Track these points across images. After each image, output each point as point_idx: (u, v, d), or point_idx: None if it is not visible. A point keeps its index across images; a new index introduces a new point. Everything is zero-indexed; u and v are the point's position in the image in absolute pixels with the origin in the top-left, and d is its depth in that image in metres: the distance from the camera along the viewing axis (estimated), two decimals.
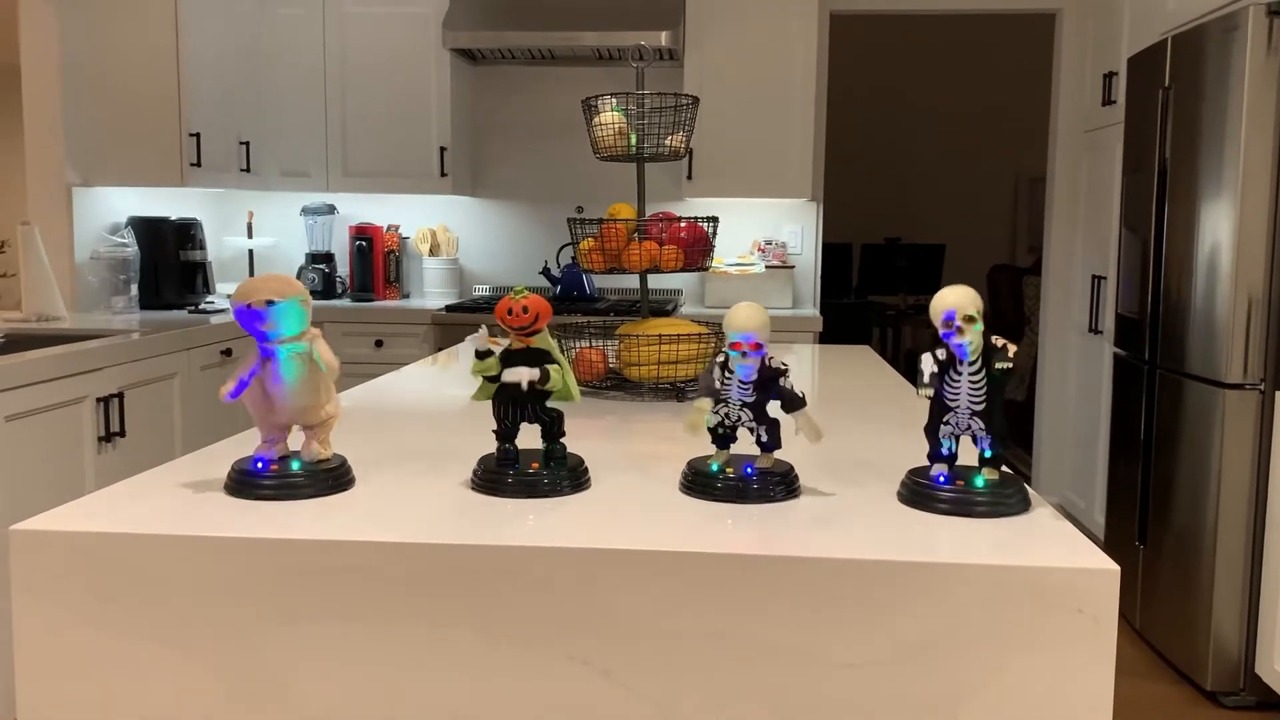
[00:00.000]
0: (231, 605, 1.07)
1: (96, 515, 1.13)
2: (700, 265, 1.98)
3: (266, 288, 1.15)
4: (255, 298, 1.14)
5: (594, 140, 1.93)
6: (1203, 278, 2.91)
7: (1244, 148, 2.74)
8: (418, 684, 1.06)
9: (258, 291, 1.15)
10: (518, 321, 1.22)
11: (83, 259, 3.69)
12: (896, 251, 7.24)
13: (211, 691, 1.08)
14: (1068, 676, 1.01)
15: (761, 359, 1.20)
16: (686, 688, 1.04)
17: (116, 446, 2.85)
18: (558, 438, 1.27)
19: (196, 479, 1.29)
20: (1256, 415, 2.79)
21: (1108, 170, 4.03)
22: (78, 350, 2.68)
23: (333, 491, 1.23)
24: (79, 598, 1.08)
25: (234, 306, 1.16)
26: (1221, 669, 2.87)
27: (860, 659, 1.02)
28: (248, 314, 1.15)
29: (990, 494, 1.16)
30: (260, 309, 1.14)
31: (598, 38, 3.99)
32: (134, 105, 3.69)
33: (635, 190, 4.54)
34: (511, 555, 1.05)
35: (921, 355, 1.17)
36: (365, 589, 1.06)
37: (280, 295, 1.15)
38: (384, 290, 4.45)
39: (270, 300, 1.14)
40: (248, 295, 1.15)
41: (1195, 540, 2.92)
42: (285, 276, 1.18)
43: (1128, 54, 3.82)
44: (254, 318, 1.15)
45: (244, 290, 1.16)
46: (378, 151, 4.28)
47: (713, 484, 1.22)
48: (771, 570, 1.03)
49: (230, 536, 1.07)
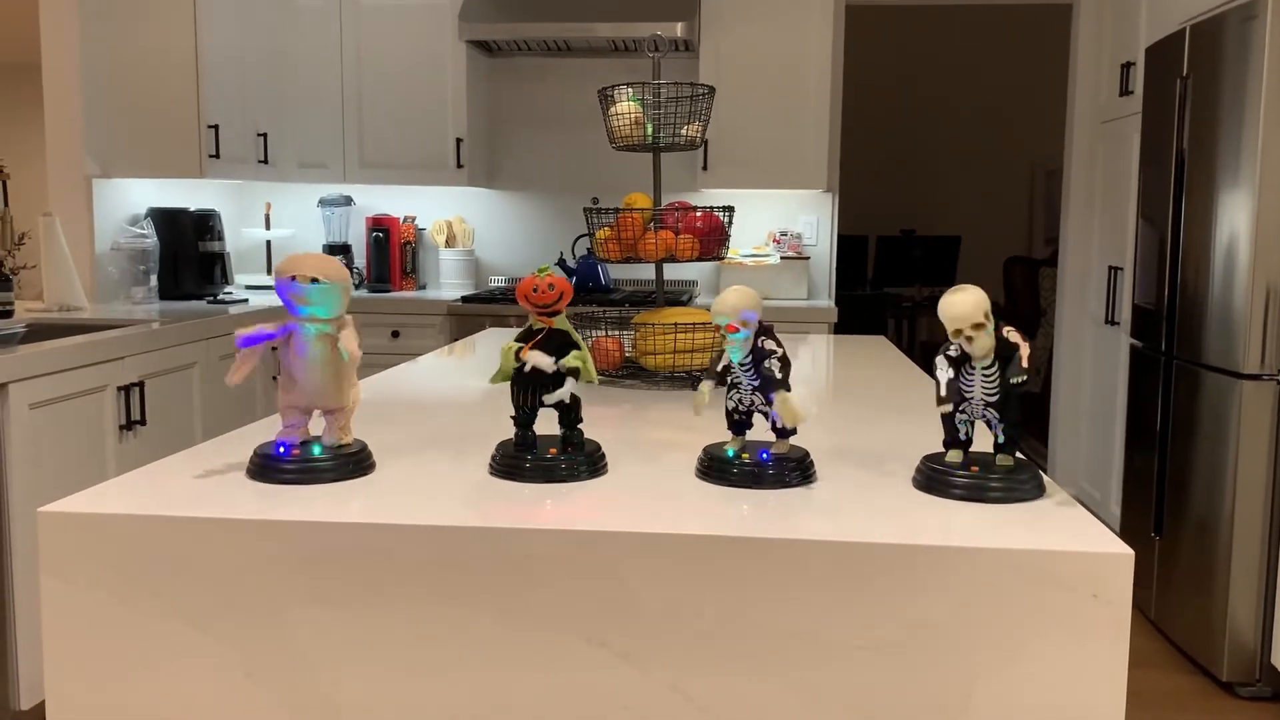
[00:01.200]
0: (254, 587, 1.09)
1: (123, 498, 1.15)
2: (716, 255, 1.99)
3: (314, 265, 1.17)
4: (301, 272, 1.16)
5: (610, 130, 1.94)
6: (1220, 268, 2.90)
7: (1263, 137, 2.72)
8: (437, 665, 1.08)
9: (305, 266, 1.17)
10: (542, 299, 1.23)
11: (103, 250, 3.73)
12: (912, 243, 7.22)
13: (234, 671, 1.10)
14: (1081, 660, 1.02)
15: (755, 340, 1.20)
16: (703, 669, 1.05)
17: (137, 435, 2.88)
18: (575, 423, 1.28)
19: (219, 464, 1.31)
20: (1274, 406, 2.78)
21: (1125, 161, 4.01)
22: (99, 340, 2.71)
23: (354, 476, 1.24)
24: (106, 579, 1.10)
25: (277, 278, 1.18)
26: (1237, 660, 2.87)
27: (875, 641, 1.03)
28: (289, 286, 1.17)
29: (1005, 480, 1.17)
30: (304, 284, 1.16)
31: (613, 29, 4.00)
32: (153, 97, 3.72)
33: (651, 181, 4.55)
34: (530, 538, 1.06)
35: (935, 359, 1.18)
36: (385, 571, 1.08)
37: (325, 275, 1.17)
38: (401, 281, 4.48)
39: (315, 278, 1.17)
40: (294, 269, 1.17)
41: (1211, 531, 2.92)
42: (335, 260, 1.20)
43: (1145, 44, 3.80)
44: (294, 292, 1.17)
45: (292, 263, 1.18)
46: (394, 143, 4.30)
47: (729, 469, 1.23)
48: (787, 553, 1.04)
49: (253, 519, 1.09)
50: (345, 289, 1.19)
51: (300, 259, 1.18)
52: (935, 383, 1.18)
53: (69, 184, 3.67)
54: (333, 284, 1.18)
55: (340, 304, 1.20)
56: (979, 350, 1.13)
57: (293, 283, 1.17)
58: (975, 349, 1.12)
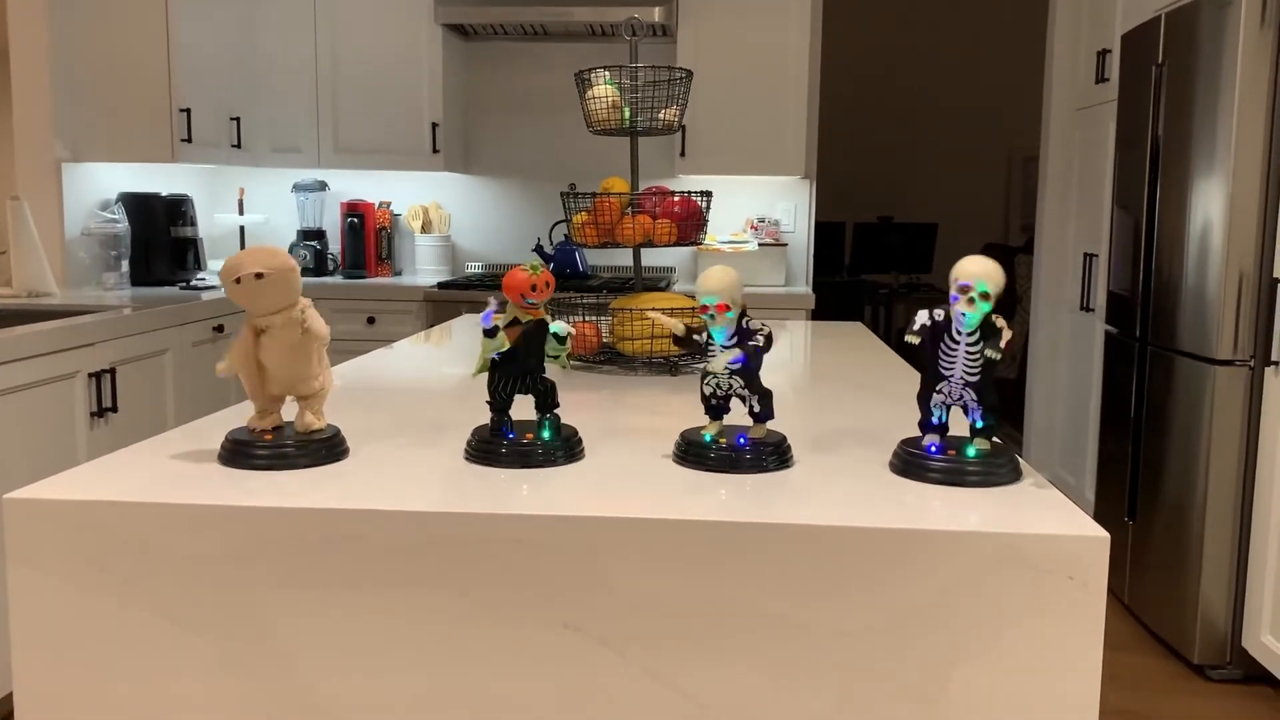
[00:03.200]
0: (226, 574, 1.08)
1: (91, 484, 1.13)
2: (693, 239, 1.98)
3: (253, 261, 1.14)
4: (244, 272, 1.14)
5: (587, 114, 1.93)
6: (1194, 255, 2.92)
7: (1236, 124, 2.74)
8: (412, 651, 1.07)
9: (246, 266, 1.14)
10: (541, 297, 1.22)
11: (73, 235, 3.68)
12: (889, 230, 7.24)
13: (206, 658, 1.09)
14: (1057, 642, 1.02)
15: (740, 320, 1.20)
16: (681, 654, 1.05)
17: (109, 422, 2.84)
18: (552, 409, 1.28)
19: (191, 449, 1.29)
20: (1246, 391, 2.81)
21: (1100, 148, 4.03)
22: (69, 326, 2.67)
23: (327, 461, 1.23)
24: (74, 566, 1.09)
25: (225, 286, 1.16)
26: (1208, 643, 2.90)
27: (852, 626, 1.03)
28: (239, 290, 1.14)
29: (981, 464, 1.17)
30: (250, 282, 1.14)
31: (590, 13, 3.97)
32: (124, 80, 3.67)
33: (628, 166, 4.53)
34: (506, 523, 1.05)
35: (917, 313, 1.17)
36: (360, 557, 1.07)
37: (269, 267, 1.15)
38: (376, 267, 4.45)
39: (259, 273, 1.14)
40: (236, 270, 1.14)
41: (1184, 515, 2.95)
42: (271, 248, 1.17)
43: (1121, 31, 3.81)
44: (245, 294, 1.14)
45: (232, 265, 1.15)
46: (369, 128, 4.26)
47: (706, 454, 1.22)
48: (764, 537, 1.03)
49: (225, 505, 1.07)
50: (292, 273, 1.16)
51: (238, 260, 1.14)
52: (911, 321, 1.16)
53: (38, 168, 3.61)
54: (277, 273, 1.15)
55: (291, 289, 1.17)
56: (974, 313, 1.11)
57: (239, 285, 1.14)
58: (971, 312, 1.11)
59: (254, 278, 1.14)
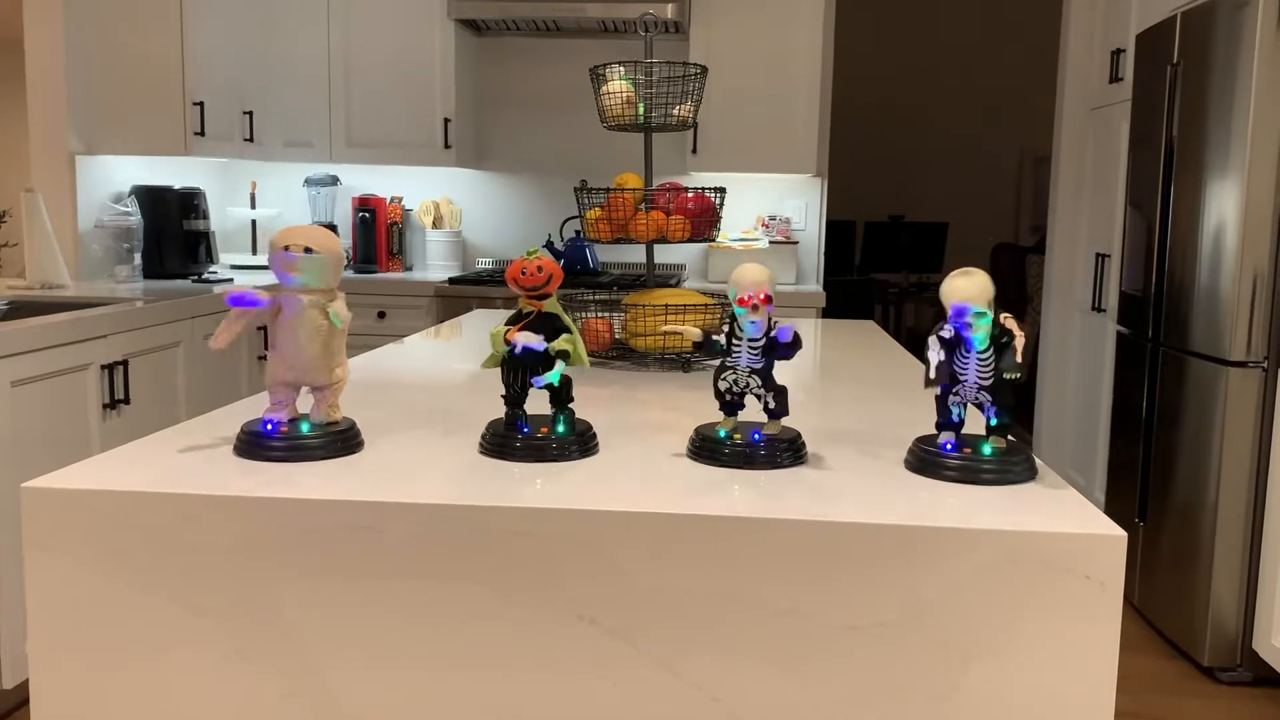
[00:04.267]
0: (242, 565, 1.08)
1: (108, 474, 1.14)
2: (707, 236, 1.98)
3: (307, 236, 1.17)
4: (294, 242, 1.16)
5: (602, 109, 1.93)
6: (1208, 255, 2.91)
7: (1252, 125, 2.73)
8: (425, 643, 1.07)
9: (298, 237, 1.17)
10: (531, 281, 1.22)
11: (86, 227, 3.69)
12: (900, 230, 7.23)
13: (220, 647, 1.09)
14: (1073, 641, 1.02)
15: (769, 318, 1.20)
16: (693, 647, 1.05)
17: (121, 414, 2.85)
18: (566, 403, 1.28)
19: (206, 440, 1.30)
20: (1259, 393, 2.79)
21: (1113, 148, 4.02)
22: (82, 317, 2.68)
23: (342, 453, 1.23)
24: (91, 556, 1.09)
25: (271, 249, 1.18)
26: (1219, 645, 2.89)
27: (865, 621, 1.03)
28: (283, 256, 1.17)
29: (997, 461, 1.16)
30: (297, 254, 1.16)
31: (603, 9, 3.97)
32: (137, 73, 3.68)
33: (640, 164, 4.53)
34: (521, 516, 1.05)
35: (928, 339, 1.17)
36: (375, 549, 1.07)
37: (319, 247, 1.17)
38: (387, 262, 4.45)
39: (309, 248, 1.16)
40: (288, 239, 1.17)
41: (1195, 517, 2.94)
42: (328, 233, 1.20)
43: (1136, 30, 3.79)
44: (287, 260, 1.16)
45: (286, 234, 1.18)
46: (381, 123, 4.26)
47: (720, 449, 1.22)
48: (778, 533, 1.03)
49: (240, 496, 1.08)
50: (337, 261, 1.19)
51: (294, 230, 1.19)
52: (925, 363, 1.17)
53: (52, 160, 3.63)
54: (325, 255, 1.17)
55: (332, 276, 1.19)
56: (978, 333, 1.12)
57: (286, 252, 1.16)
58: (975, 335, 1.12)
59: (302, 250, 1.15)
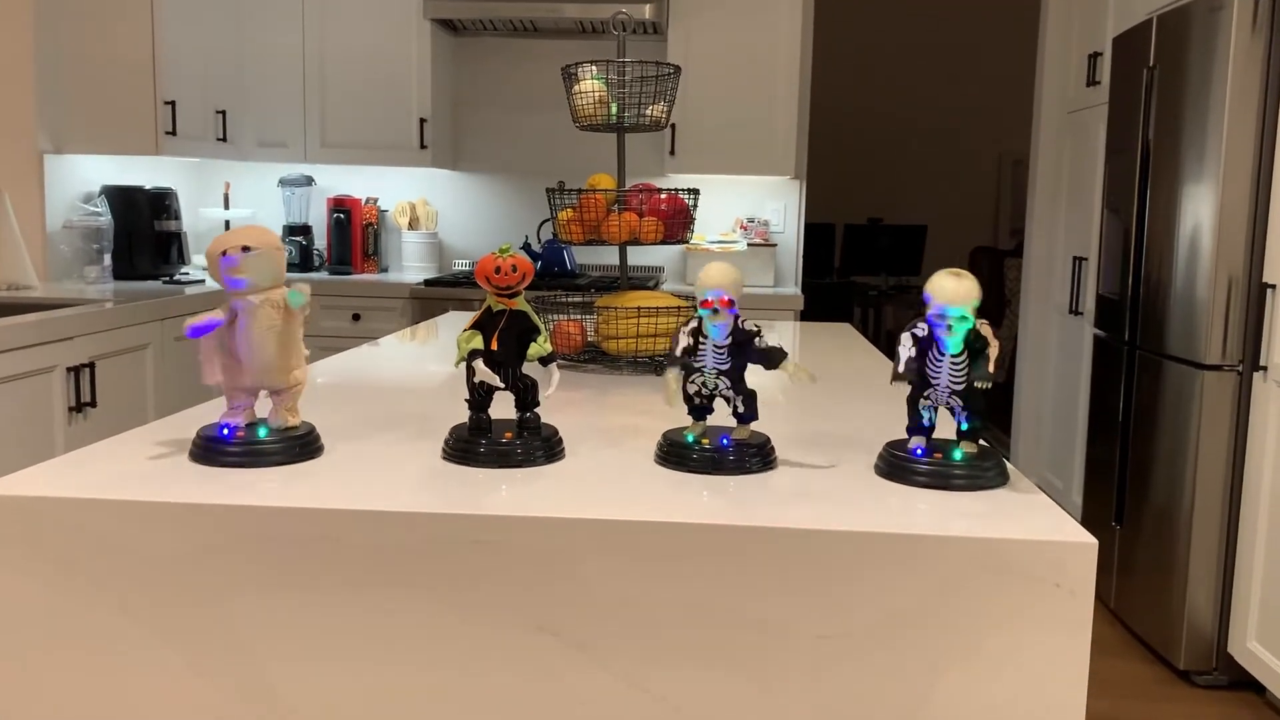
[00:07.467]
0: (196, 573, 1.05)
1: (58, 480, 1.11)
2: (681, 237, 1.96)
3: (242, 235, 1.16)
4: (231, 245, 1.13)
5: (573, 109, 1.90)
6: (1184, 259, 2.91)
7: (1227, 128, 2.73)
8: (385, 654, 1.05)
9: (233, 239, 1.15)
10: (504, 280, 1.19)
11: (55, 228, 3.63)
12: (878, 232, 7.23)
13: (173, 661, 1.06)
14: (1043, 650, 1.00)
15: (735, 320, 1.18)
16: (660, 659, 1.03)
17: (87, 417, 2.81)
18: (532, 407, 1.25)
19: (162, 446, 1.26)
20: (1234, 396, 2.80)
21: (1090, 151, 4.02)
22: (48, 319, 2.64)
23: (300, 459, 1.20)
24: (40, 564, 1.06)
25: (209, 260, 1.16)
26: (1195, 648, 2.89)
27: (836, 630, 1.01)
28: (224, 261, 1.14)
29: (968, 467, 1.15)
30: (236, 255, 1.13)
31: (580, 9, 3.95)
32: (108, 71, 3.62)
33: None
34: (483, 525, 1.03)
35: (901, 335, 1.15)
36: (333, 558, 1.04)
37: (257, 242, 1.14)
38: (362, 264, 4.41)
39: (247, 247, 1.14)
40: (224, 244, 1.15)
41: (1171, 520, 2.93)
42: (260, 227, 1.18)
43: (1113, 34, 3.80)
44: (230, 265, 1.14)
45: (219, 241, 1.16)
46: (357, 123, 4.22)
47: (688, 455, 1.20)
48: (746, 541, 1.01)
49: (195, 503, 1.05)
50: (279, 253, 1.17)
51: (225, 236, 1.17)
52: (895, 358, 1.15)
53: (20, 159, 3.57)
54: (265, 249, 1.15)
55: (278, 269, 1.17)
56: (957, 336, 1.10)
57: (226, 257, 1.14)
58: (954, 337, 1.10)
59: (240, 250, 1.13)
